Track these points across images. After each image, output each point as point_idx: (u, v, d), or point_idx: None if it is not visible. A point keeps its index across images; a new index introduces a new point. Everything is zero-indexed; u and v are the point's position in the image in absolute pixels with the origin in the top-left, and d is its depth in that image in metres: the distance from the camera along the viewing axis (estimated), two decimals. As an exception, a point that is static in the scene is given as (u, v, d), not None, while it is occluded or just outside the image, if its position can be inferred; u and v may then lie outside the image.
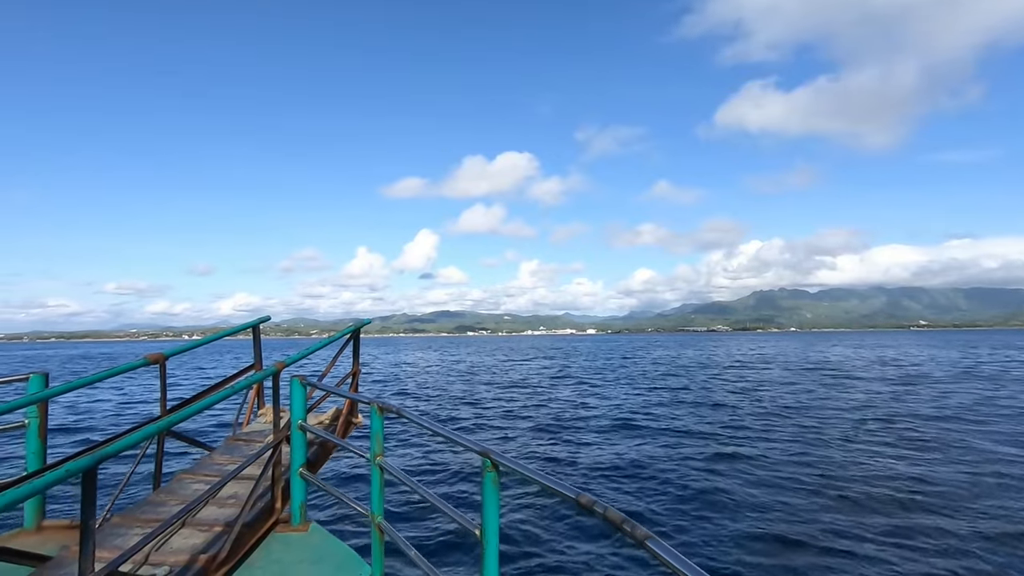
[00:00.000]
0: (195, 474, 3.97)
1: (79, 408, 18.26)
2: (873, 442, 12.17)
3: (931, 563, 6.08)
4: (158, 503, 3.47)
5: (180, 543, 3.09)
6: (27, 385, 3.39)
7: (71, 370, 44.07)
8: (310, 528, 3.71)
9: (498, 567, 2.08)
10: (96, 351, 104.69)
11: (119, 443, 2.14)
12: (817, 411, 16.64)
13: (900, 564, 6.07)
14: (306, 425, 3.77)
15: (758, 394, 21.08)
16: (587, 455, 11.25)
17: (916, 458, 10.64)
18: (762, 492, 8.56)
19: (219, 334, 4.71)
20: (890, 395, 20.34)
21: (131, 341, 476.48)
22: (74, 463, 1.84)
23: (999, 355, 46.76)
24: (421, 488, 2.63)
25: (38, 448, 3.40)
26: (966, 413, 15.92)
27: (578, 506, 1.58)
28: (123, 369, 3.56)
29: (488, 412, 17.53)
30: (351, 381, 5.31)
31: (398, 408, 2.91)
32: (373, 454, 3.03)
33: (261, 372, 3.94)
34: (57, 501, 7.01)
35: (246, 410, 5.29)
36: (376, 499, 3.05)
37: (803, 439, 12.51)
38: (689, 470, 9.88)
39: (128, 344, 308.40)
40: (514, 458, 2.02)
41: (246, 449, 4.44)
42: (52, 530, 3.44)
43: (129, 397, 21.40)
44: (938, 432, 13.15)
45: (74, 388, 3.18)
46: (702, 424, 14.66)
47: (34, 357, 73.44)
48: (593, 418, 15.98)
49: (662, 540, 1.32)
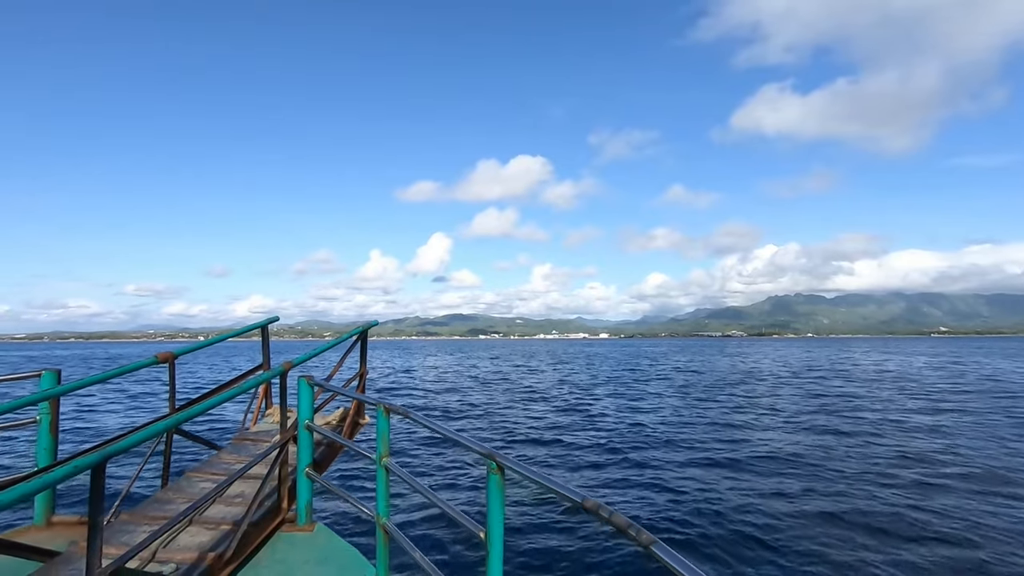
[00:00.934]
0: (203, 472, 3.99)
1: (88, 405, 18.53)
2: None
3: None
4: (166, 501, 3.49)
5: (187, 541, 3.10)
6: (39, 382, 3.44)
7: (87, 368, 44.80)
8: (316, 528, 3.71)
9: (502, 570, 2.08)
10: (111, 351, 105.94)
11: (127, 440, 2.16)
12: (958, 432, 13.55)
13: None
14: (313, 425, 3.78)
15: (861, 414, 16.82)
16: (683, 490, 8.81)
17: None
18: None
19: (228, 334, 4.74)
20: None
21: (148, 342, 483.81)
22: (82, 459, 1.86)
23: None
24: (426, 490, 2.62)
25: (49, 444, 3.44)
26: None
27: (583, 510, 1.57)
28: (134, 367, 3.60)
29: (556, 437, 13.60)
30: (358, 382, 5.31)
31: (404, 409, 2.91)
32: (379, 455, 3.02)
33: (268, 372, 3.96)
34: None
35: (254, 410, 5.32)
36: (382, 500, 3.04)
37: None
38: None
39: (144, 345, 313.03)
40: (519, 460, 2.01)
41: (253, 448, 4.45)
42: (62, 526, 3.48)
43: (150, 391, 21.60)
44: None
45: (85, 385, 3.22)
46: (824, 452, 11.48)
47: (45, 357, 73.86)
48: (673, 442, 12.74)
49: (668, 545, 1.30)
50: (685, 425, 15.11)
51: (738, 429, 14.48)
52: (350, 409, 5.11)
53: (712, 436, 13.45)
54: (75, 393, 18.94)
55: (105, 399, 20.47)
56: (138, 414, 16.97)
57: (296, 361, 3.98)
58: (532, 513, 7.70)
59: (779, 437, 13.35)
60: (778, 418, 16.33)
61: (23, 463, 10.16)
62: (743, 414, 17.15)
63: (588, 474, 10.13)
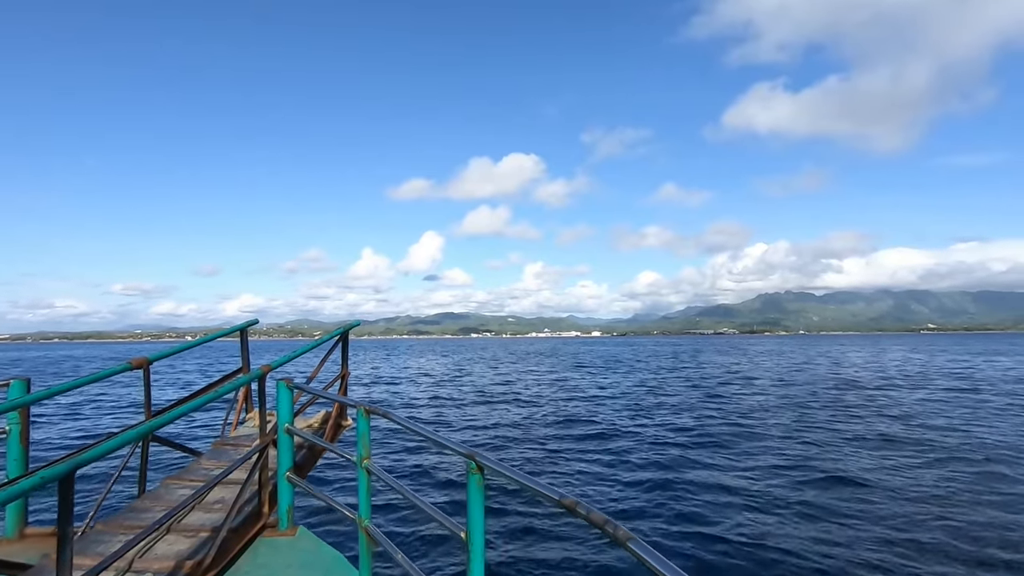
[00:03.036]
0: (181, 479, 3.93)
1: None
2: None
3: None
4: (143, 509, 3.44)
5: (165, 549, 3.06)
6: (8, 391, 3.35)
7: (61, 372, 43.48)
8: (298, 532, 3.67)
9: (484, 569, 2.08)
10: (94, 352, 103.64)
11: (96, 449, 2.11)
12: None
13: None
14: (293, 429, 3.73)
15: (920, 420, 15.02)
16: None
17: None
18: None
19: (205, 338, 4.67)
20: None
21: (134, 342, 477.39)
22: (49, 470, 1.82)
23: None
24: (408, 491, 2.62)
25: (19, 454, 3.36)
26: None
27: (562, 508, 1.58)
28: (106, 374, 3.52)
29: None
30: (340, 384, 5.26)
31: (384, 411, 2.88)
32: (360, 457, 3.00)
33: (247, 376, 3.90)
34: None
35: (233, 414, 5.24)
36: (363, 502, 3.02)
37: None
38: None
39: (130, 345, 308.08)
40: (498, 460, 2.00)
41: (233, 453, 4.40)
42: (35, 538, 3.41)
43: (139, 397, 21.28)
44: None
45: (55, 394, 3.15)
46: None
47: (23, 359, 69.66)
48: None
49: (643, 541, 1.32)
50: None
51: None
52: (332, 411, 5.06)
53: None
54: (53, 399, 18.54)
55: (94, 404, 20.14)
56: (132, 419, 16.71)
57: (275, 364, 3.93)
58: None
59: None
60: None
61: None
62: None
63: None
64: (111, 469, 4.60)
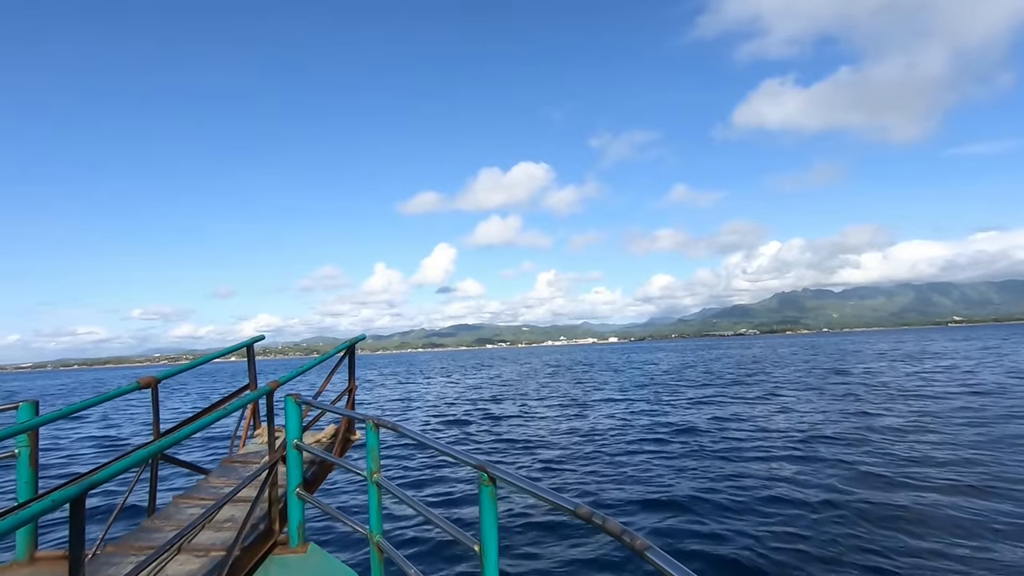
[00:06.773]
0: (191, 498, 3.90)
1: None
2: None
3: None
4: (153, 529, 3.40)
5: (176, 570, 3.02)
6: (17, 414, 3.35)
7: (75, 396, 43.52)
8: (309, 549, 3.62)
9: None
10: (107, 376, 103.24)
11: (107, 470, 2.10)
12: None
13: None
14: (302, 444, 3.70)
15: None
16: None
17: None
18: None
19: (211, 355, 4.67)
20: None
21: (152, 365, 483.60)
22: (61, 492, 1.80)
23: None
24: (419, 505, 2.57)
25: (30, 477, 3.36)
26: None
27: (577, 518, 1.56)
28: (115, 394, 3.52)
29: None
30: (347, 398, 5.23)
31: (393, 424, 2.84)
32: (370, 471, 2.97)
33: (254, 392, 3.88)
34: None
35: (242, 431, 5.22)
36: (374, 517, 2.98)
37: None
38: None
39: (147, 369, 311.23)
40: (511, 471, 1.96)
41: (242, 471, 4.37)
42: (46, 561, 3.39)
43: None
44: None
45: (64, 415, 3.15)
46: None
47: (35, 387, 66.83)
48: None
49: (662, 550, 1.28)
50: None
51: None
52: (340, 426, 5.02)
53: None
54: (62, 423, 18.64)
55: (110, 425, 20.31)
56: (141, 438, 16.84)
57: (282, 380, 3.91)
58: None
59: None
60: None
61: (3, 499, 9.95)
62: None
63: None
64: (120, 488, 4.57)
